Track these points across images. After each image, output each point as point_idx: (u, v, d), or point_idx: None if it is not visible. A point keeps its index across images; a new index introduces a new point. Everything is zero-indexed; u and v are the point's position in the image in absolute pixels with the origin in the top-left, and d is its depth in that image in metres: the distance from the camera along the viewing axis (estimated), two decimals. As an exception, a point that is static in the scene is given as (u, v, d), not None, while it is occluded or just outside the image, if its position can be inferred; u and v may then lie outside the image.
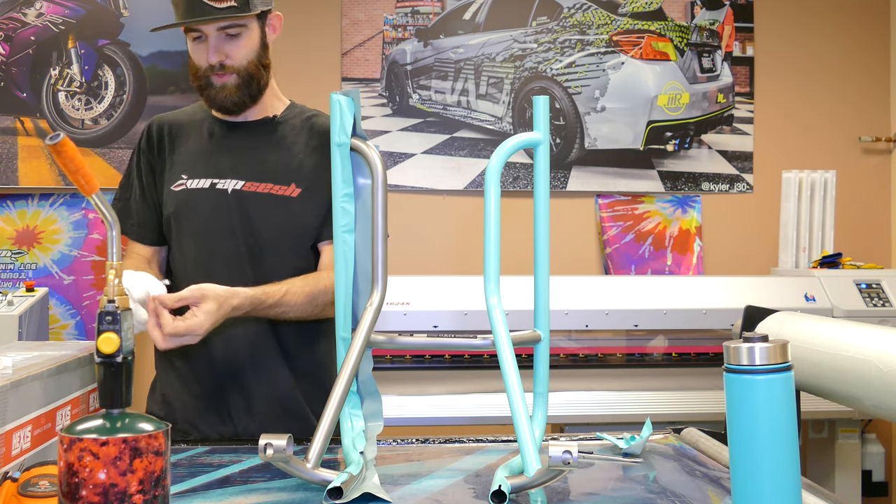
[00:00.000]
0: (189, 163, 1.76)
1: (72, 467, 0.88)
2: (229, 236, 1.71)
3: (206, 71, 1.69)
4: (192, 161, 1.76)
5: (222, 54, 1.68)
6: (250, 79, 1.71)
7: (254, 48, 1.71)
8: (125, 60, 3.64)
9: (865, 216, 3.93)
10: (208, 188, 1.73)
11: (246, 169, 1.74)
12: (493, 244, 1.30)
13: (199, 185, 1.74)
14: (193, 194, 1.74)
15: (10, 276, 3.55)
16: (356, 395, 1.41)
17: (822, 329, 1.47)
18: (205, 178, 1.74)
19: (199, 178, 1.74)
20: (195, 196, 1.74)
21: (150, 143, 1.80)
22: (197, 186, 1.74)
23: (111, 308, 0.93)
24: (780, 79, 3.94)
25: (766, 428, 0.92)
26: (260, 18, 1.71)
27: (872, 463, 3.28)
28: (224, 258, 1.71)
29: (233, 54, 1.69)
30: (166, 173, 1.77)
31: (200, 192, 1.73)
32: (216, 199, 1.72)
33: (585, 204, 3.83)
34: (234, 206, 1.72)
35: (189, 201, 1.74)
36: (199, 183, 1.74)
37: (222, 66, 1.68)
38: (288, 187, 1.74)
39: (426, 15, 3.76)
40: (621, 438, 1.49)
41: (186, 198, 1.74)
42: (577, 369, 3.06)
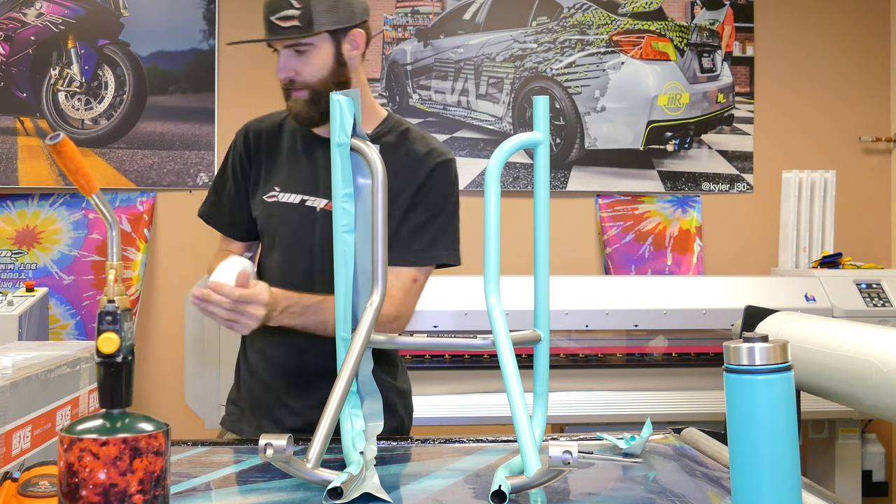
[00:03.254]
0: (283, 175, 1.76)
1: (72, 467, 0.88)
2: (310, 254, 1.71)
3: (283, 84, 1.71)
4: (286, 174, 1.76)
5: (290, 70, 1.68)
6: (319, 96, 1.68)
7: (324, 66, 1.69)
8: (125, 60, 3.64)
9: (865, 216, 3.93)
10: (298, 204, 1.73)
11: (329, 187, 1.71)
12: (493, 244, 1.30)
13: (291, 199, 1.74)
14: (284, 208, 1.74)
15: (10, 276, 3.55)
16: (356, 395, 1.41)
17: (822, 329, 1.47)
18: (296, 193, 1.74)
19: (290, 193, 1.74)
20: (286, 210, 1.74)
21: (247, 147, 1.81)
22: (288, 200, 1.74)
23: (111, 308, 0.93)
24: (780, 79, 3.94)
25: (766, 428, 0.92)
26: (333, 36, 1.68)
27: (872, 463, 3.28)
28: (303, 274, 1.71)
29: (301, 71, 1.68)
30: (260, 181, 1.78)
31: (291, 207, 1.74)
32: (305, 215, 1.72)
33: (585, 204, 3.83)
34: (319, 225, 1.71)
35: (279, 214, 1.74)
36: (291, 197, 1.74)
37: (292, 81, 1.69)
38: None
39: (426, 15, 3.76)
40: (621, 438, 1.49)
41: (277, 210, 1.74)
42: (577, 369, 3.06)
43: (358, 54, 1.74)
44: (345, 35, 1.69)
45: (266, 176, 1.78)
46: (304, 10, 1.64)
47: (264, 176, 1.78)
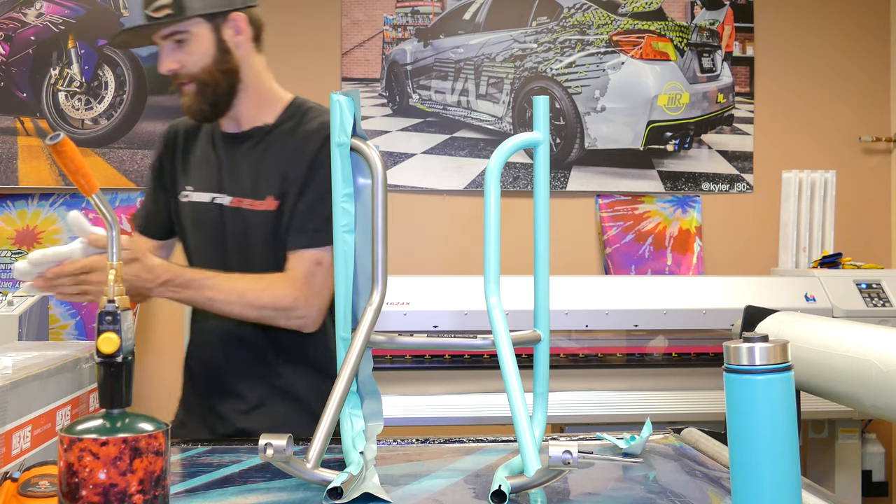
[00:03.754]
0: (194, 174, 1.77)
1: (72, 467, 0.88)
2: (221, 254, 1.72)
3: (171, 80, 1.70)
4: (196, 172, 1.77)
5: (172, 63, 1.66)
6: (205, 86, 1.67)
7: (205, 54, 1.66)
8: (125, 60, 3.64)
9: (865, 216, 3.93)
10: (208, 202, 1.74)
11: (232, 183, 1.73)
12: (493, 244, 1.30)
13: (201, 198, 1.75)
14: (196, 207, 1.75)
15: (10, 276, 3.55)
16: (356, 395, 1.41)
17: (822, 329, 1.47)
18: (206, 191, 1.74)
19: (201, 192, 1.75)
20: (197, 209, 1.75)
21: (167, 148, 1.83)
22: (198, 200, 1.75)
23: (111, 308, 0.93)
24: (780, 79, 3.94)
25: (766, 428, 0.92)
26: (211, 21, 1.65)
27: (872, 463, 3.28)
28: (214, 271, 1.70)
29: (183, 61, 1.66)
30: (178, 180, 1.80)
31: (201, 206, 1.74)
32: (214, 214, 1.72)
33: (585, 204, 3.83)
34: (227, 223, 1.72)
35: (192, 214, 1.76)
36: (201, 196, 1.75)
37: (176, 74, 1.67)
38: (264, 201, 1.69)
39: (426, 15, 3.76)
40: (621, 438, 1.49)
41: (190, 210, 1.76)
42: (577, 369, 3.06)
43: (244, 40, 1.70)
44: (224, 19, 1.67)
45: (182, 176, 1.79)
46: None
47: (180, 176, 1.79)
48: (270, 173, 1.71)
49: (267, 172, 1.71)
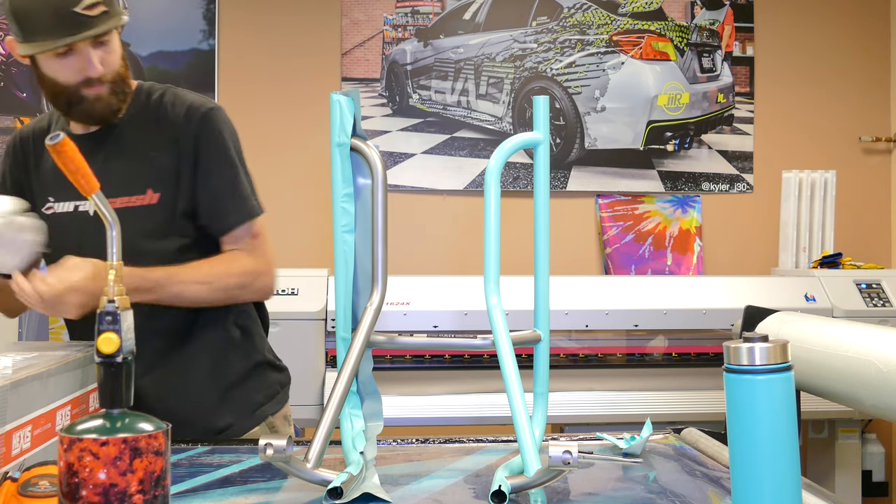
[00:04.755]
0: (52, 183, 1.65)
1: (72, 467, 0.88)
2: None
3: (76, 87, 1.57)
4: (55, 181, 1.64)
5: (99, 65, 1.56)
6: (122, 82, 1.61)
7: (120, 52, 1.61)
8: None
9: (865, 216, 3.93)
10: (73, 211, 1.64)
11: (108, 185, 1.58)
12: (493, 244, 1.30)
13: (65, 208, 1.64)
14: (62, 219, 1.64)
15: (10, 276, 3.55)
16: (356, 395, 1.41)
17: (822, 329, 1.47)
18: (68, 200, 1.64)
19: (63, 201, 1.65)
20: (63, 220, 1.64)
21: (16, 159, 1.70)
22: (63, 210, 1.65)
23: (111, 308, 0.93)
24: (780, 79, 3.94)
25: (766, 428, 0.92)
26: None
27: (872, 463, 3.28)
28: None
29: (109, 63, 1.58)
30: (35, 192, 1.67)
31: (67, 217, 1.64)
32: (81, 222, 1.63)
33: (585, 204, 3.83)
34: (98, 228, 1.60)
35: (58, 226, 1.63)
36: (65, 206, 1.65)
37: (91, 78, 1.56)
38: (144, 195, 1.62)
39: (426, 15, 3.76)
40: (621, 438, 1.48)
41: (56, 223, 1.63)
42: (577, 369, 3.06)
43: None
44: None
45: (39, 187, 1.67)
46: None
47: (38, 187, 1.67)
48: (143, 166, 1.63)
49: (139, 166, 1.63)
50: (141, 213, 1.61)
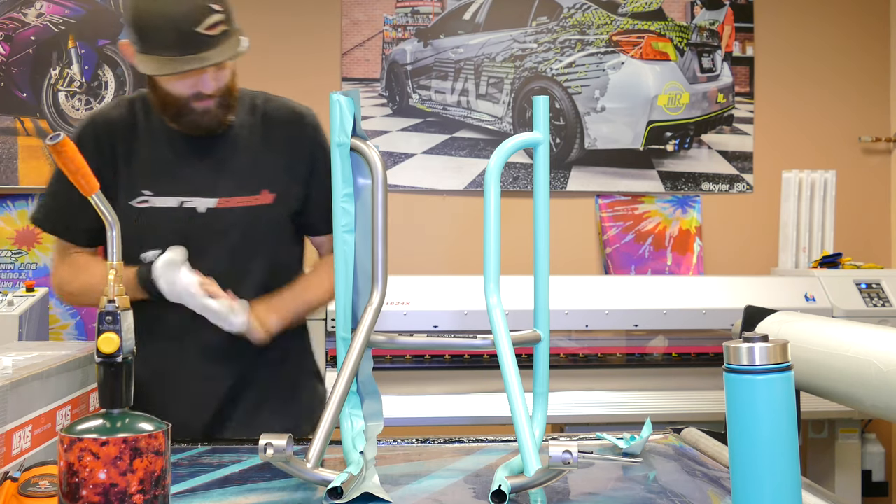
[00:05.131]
0: (151, 177, 1.62)
1: (72, 467, 0.88)
2: (203, 258, 1.60)
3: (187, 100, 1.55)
4: (154, 175, 1.62)
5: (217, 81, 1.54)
6: (230, 96, 1.60)
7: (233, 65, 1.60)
8: (125, 60, 3.63)
9: (865, 216, 3.93)
10: (177, 207, 1.62)
11: (215, 184, 1.63)
12: (493, 244, 1.30)
13: (166, 203, 1.62)
14: (161, 214, 1.62)
15: (10, 276, 3.55)
16: (356, 395, 1.41)
17: (822, 329, 1.47)
18: (171, 195, 1.62)
19: (164, 196, 1.62)
20: (163, 215, 1.62)
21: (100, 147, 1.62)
22: (163, 205, 1.62)
23: (111, 308, 0.93)
24: (779, 79, 3.94)
25: (766, 428, 0.92)
26: None
27: (872, 463, 3.28)
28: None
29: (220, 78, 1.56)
30: (122, 185, 1.62)
31: (169, 212, 1.62)
32: (186, 219, 1.62)
33: (585, 204, 3.83)
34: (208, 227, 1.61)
35: (154, 221, 1.61)
36: (166, 201, 1.62)
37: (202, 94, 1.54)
38: (259, 195, 1.66)
39: (426, 15, 3.76)
40: (621, 438, 1.49)
41: (151, 217, 1.62)
42: (577, 369, 3.06)
43: None
44: None
45: (129, 178, 1.62)
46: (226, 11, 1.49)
47: (125, 178, 1.62)
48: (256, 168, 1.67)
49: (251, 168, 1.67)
50: (257, 213, 1.66)
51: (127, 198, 1.62)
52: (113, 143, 1.62)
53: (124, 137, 1.63)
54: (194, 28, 1.44)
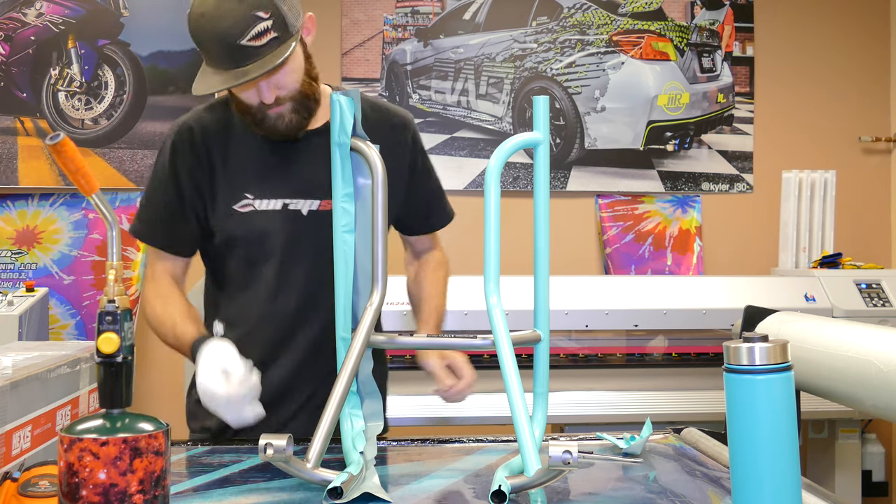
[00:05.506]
0: (252, 181, 1.57)
1: (72, 467, 0.88)
2: (307, 260, 1.59)
3: (259, 107, 1.50)
4: (255, 179, 1.58)
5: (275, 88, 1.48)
6: (306, 99, 1.54)
7: (301, 67, 1.53)
8: (125, 60, 3.64)
9: (865, 216, 3.93)
10: (280, 210, 1.58)
11: (317, 186, 1.57)
12: (493, 244, 1.30)
13: (270, 206, 1.57)
14: (265, 217, 1.57)
15: (10, 276, 3.55)
16: (356, 395, 1.41)
17: (822, 329, 1.47)
18: (274, 198, 1.57)
19: (268, 199, 1.57)
20: (267, 218, 1.57)
21: (196, 152, 1.57)
22: (268, 208, 1.57)
23: (111, 308, 0.93)
24: (779, 79, 3.94)
25: (766, 428, 0.92)
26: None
27: (872, 463, 3.28)
28: (301, 283, 1.59)
29: (284, 84, 1.49)
30: (218, 188, 1.58)
31: (272, 215, 1.57)
32: (291, 221, 1.58)
33: (585, 204, 3.83)
34: (311, 229, 1.58)
35: (260, 224, 1.57)
36: (270, 204, 1.57)
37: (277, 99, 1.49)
38: None
39: (426, 15, 3.76)
40: (621, 438, 1.49)
41: (256, 220, 1.57)
42: (577, 369, 3.06)
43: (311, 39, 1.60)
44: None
45: (227, 182, 1.58)
46: (275, 16, 1.41)
47: (224, 182, 1.58)
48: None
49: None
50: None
51: (229, 202, 1.57)
52: (209, 148, 1.58)
53: (219, 141, 1.59)
54: (239, 41, 1.38)
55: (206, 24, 1.39)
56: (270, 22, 1.40)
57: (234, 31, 1.38)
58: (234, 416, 1.39)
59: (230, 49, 1.39)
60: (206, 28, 1.40)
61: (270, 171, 1.59)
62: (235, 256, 1.61)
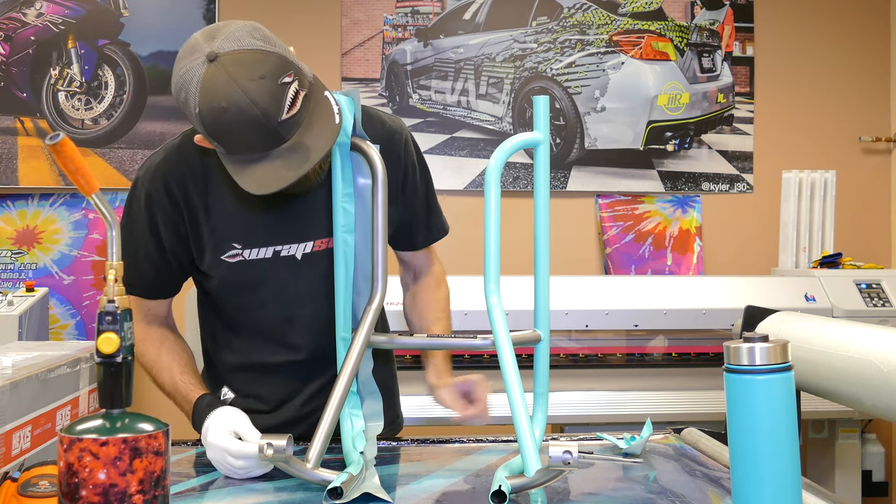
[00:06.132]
0: (238, 229, 1.48)
1: (72, 467, 0.88)
2: (308, 302, 1.52)
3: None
4: (241, 227, 1.48)
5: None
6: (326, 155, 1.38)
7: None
8: (125, 60, 3.64)
9: (865, 216, 3.93)
10: (272, 257, 1.49)
11: (309, 227, 1.50)
12: (493, 244, 1.30)
13: (261, 255, 1.49)
14: (256, 266, 1.49)
15: (10, 276, 3.55)
16: (356, 395, 1.41)
17: (822, 329, 1.47)
18: (264, 246, 1.49)
19: (257, 248, 1.49)
20: (258, 267, 1.49)
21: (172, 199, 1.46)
22: (258, 257, 1.49)
23: (111, 308, 0.93)
24: (779, 79, 3.94)
25: (766, 428, 0.92)
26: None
27: (872, 463, 3.28)
28: (305, 323, 1.53)
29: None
30: (206, 241, 1.49)
31: (264, 263, 1.49)
32: (285, 267, 1.50)
33: (585, 204, 3.83)
34: (309, 271, 1.51)
35: (252, 273, 1.50)
36: (260, 253, 1.49)
37: None
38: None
39: (426, 15, 3.76)
40: (621, 438, 1.49)
41: (247, 270, 1.49)
42: (577, 369, 3.06)
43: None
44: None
45: (210, 232, 1.48)
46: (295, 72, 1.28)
47: (208, 232, 1.48)
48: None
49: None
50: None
51: (215, 252, 1.49)
52: (187, 194, 1.47)
53: (198, 186, 1.47)
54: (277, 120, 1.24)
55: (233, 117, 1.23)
56: (296, 82, 1.27)
57: (271, 112, 1.23)
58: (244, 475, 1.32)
59: (271, 132, 1.24)
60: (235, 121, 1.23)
61: (257, 217, 1.48)
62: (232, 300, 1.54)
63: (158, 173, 1.47)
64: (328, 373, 1.52)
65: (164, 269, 1.51)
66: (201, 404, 1.42)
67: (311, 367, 1.56)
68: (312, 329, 1.53)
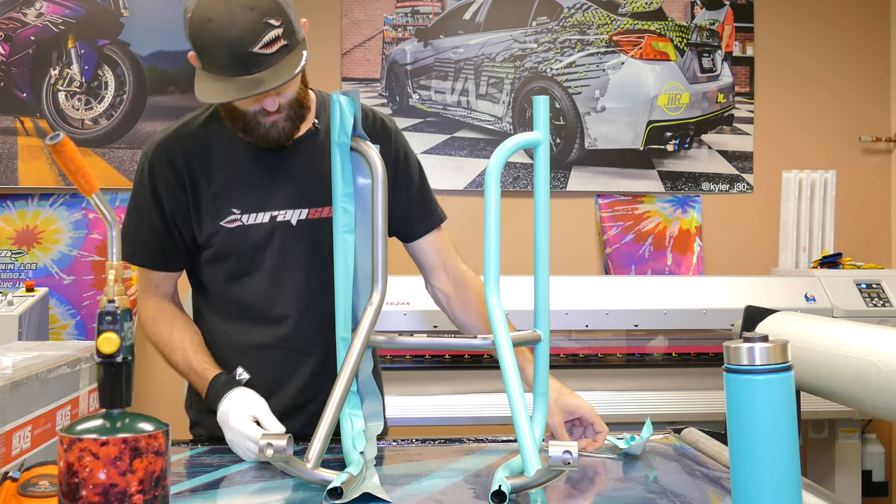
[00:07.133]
0: (237, 195, 1.55)
1: (72, 467, 0.88)
2: (299, 270, 1.56)
3: (253, 115, 1.46)
4: (240, 193, 1.55)
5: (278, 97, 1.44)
6: (299, 106, 1.50)
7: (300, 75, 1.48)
8: (125, 60, 3.64)
9: (865, 216, 3.93)
10: (268, 222, 1.55)
11: (305, 194, 1.56)
12: (493, 244, 1.30)
13: (258, 219, 1.55)
14: (253, 231, 1.55)
15: (10, 276, 3.55)
16: (356, 395, 1.41)
17: (822, 329, 1.47)
18: (261, 211, 1.55)
19: (254, 213, 1.55)
20: (255, 232, 1.55)
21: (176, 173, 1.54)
22: (255, 222, 1.55)
23: (111, 308, 0.93)
24: (779, 79, 3.94)
25: (766, 428, 0.92)
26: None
27: (872, 463, 3.28)
28: (295, 293, 1.57)
29: (287, 92, 1.46)
30: (206, 209, 1.55)
31: (260, 228, 1.55)
32: (280, 233, 1.56)
33: (585, 204, 3.83)
34: (302, 238, 1.56)
35: (250, 238, 1.55)
36: (257, 217, 1.55)
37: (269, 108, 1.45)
38: None
39: (426, 15, 3.76)
40: (621, 438, 1.49)
41: (246, 234, 1.55)
42: (577, 369, 3.06)
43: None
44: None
45: (211, 199, 1.54)
46: (285, 24, 1.37)
47: (208, 200, 1.54)
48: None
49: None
50: None
51: (215, 219, 1.55)
52: (189, 166, 1.54)
53: (199, 158, 1.55)
54: (250, 48, 1.34)
55: (214, 29, 1.34)
56: (281, 30, 1.36)
57: (246, 39, 1.33)
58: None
59: (241, 56, 1.34)
60: (213, 34, 1.34)
61: (255, 183, 1.55)
62: (226, 270, 1.58)
63: (161, 146, 1.56)
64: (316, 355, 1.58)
65: (167, 239, 1.57)
66: (217, 383, 1.49)
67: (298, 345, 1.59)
68: (300, 298, 1.57)
